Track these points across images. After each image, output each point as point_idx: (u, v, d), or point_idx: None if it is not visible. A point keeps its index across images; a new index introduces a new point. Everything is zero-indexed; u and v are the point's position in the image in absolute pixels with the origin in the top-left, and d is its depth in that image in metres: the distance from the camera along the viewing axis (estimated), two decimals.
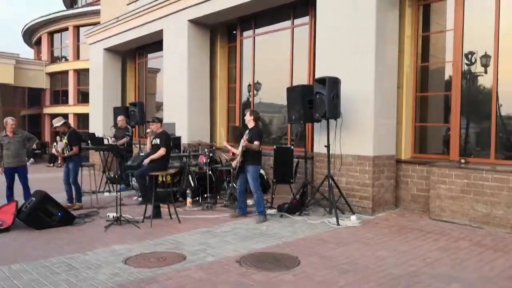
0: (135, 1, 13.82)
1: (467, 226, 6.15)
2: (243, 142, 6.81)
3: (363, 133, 7.09)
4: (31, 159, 18.56)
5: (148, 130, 7.62)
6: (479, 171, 6.14)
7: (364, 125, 7.07)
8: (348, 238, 5.72)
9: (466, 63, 7.04)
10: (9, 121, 7.89)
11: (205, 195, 8.36)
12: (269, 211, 7.32)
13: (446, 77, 7.51)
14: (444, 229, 6.03)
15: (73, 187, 8.12)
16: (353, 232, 6.01)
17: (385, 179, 7.22)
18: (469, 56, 7.01)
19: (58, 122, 8.16)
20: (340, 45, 7.42)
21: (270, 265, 4.63)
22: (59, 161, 17.38)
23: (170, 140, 7.48)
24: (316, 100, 6.93)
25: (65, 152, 8.03)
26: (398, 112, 7.55)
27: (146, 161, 7.15)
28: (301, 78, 9.19)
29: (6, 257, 5.08)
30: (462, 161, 6.61)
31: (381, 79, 7.11)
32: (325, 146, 7.05)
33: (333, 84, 6.75)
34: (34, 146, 8.05)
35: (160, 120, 7.51)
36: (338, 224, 6.37)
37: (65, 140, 8.06)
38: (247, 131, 7.05)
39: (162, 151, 7.10)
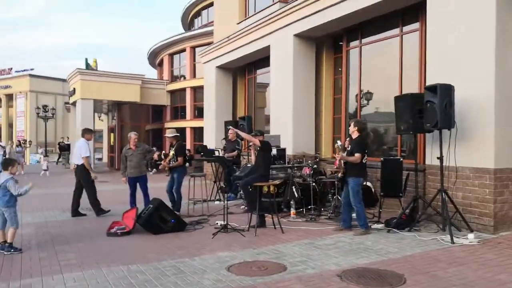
0: (244, 20, 14.48)
1: None
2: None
3: (482, 143, 6.45)
4: (154, 169, 20.32)
5: (250, 144, 7.85)
6: None
7: (483, 134, 6.44)
8: (463, 257, 5.21)
9: None
10: (132, 135, 8.75)
11: (309, 207, 8.31)
12: (376, 226, 7.02)
13: None
14: None
15: (175, 196, 8.65)
16: (470, 252, 5.45)
17: (510, 195, 6.45)
18: None
19: (170, 133, 8.94)
20: (454, 50, 6.90)
21: (373, 282, 4.41)
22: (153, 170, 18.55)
23: (270, 148, 7.61)
24: (427, 109, 6.50)
25: (171, 162, 8.62)
26: None
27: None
28: (412, 87, 8.73)
29: (127, 258, 5.59)
30: None
31: (503, 84, 6.42)
32: (438, 158, 6.55)
33: (445, 91, 6.28)
34: (156, 157, 8.79)
35: (262, 133, 7.68)
36: (452, 242, 5.84)
37: (172, 152, 8.67)
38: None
39: (257, 141, 7.25)
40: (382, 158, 7.98)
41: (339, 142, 6.93)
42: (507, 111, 6.49)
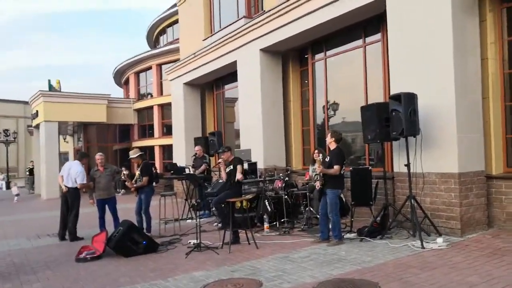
0: (210, 36, 14.53)
1: None
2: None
3: (446, 149, 6.64)
4: (122, 190, 19.88)
5: (219, 161, 7.82)
6: None
7: (446, 140, 6.63)
8: (434, 262, 5.30)
9: None
10: (97, 156, 8.61)
11: (282, 220, 8.30)
12: (348, 235, 7.08)
13: None
14: None
15: (144, 217, 8.47)
16: (440, 256, 5.56)
17: (474, 197, 6.65)
18: None
19: (134, 154, 8.73)
20: (415, 59, 7.12)
21: None
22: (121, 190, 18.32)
23: (242, 163, 7.59)
24: (393, 117, 6.66)
25: (137, 182, 8.45)
26: (485, 124, 6.98)
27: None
28: (377, 96, 8.93)
29: (98, 283, 5.42)
30: None
31: (463, 91, 6.66)
32: (405, 165, 6.70)
33: (409, 100, 6.46)
34: (124, 177, 8.60)
35: (229, 149, 7.67)
36: (422, 247, 5.95)
37: (138, 172, 8.51)
38: (320, 156, 6.93)
39: (239, 176, 7.16)
40: (351, 168, 8.09)
41: (320, 155, 6.94)
42: (467, 117, 6.72)
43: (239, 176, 7.10)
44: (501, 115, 7.04)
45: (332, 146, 6.84)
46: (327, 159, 6.77)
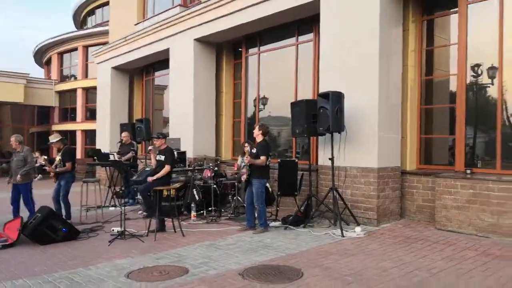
0: (143, 21, 14.09)
1: (473, 236, 6.08)
2: (245, 158, 6.82)
3: (367, 145, 7.08)
4: (39, 175, 18.65)
5: (150, 147, 7.66)
6: (484, 181, 6.10)
7: (368, 138, 7.07)
8: (352, 249, 5.66)
9: (472, 75, 7.06)
10: (11, 139, 8.04)
11: (210, 209, 8.35)
12: (273, 224, 7.29)
13: (451, 89, 7.51)
14: (450, 239, 5.96)
15: (62, 205, 8.07)
16: (358, 244, 5.94)
17: (390, 191, 7.18)
18: (475, 68, 7.02)
19: (54, 139, 8.26)
20: (344, 61, 7.48)
21: (273, 278, 4.58)
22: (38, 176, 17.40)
23: (174, 156, 7.54)
24: (320, 114, 6.96)
25: (57, 168, 8.06)
26: (402, 125, 7.55)
27: (150, 179, 7.18)
28: (306, 93, 9.25)
29: (10, 273, 5.07)
30: (468, 171, 6.55)
31: (385, 93, 7.14)
32: (329, 158, 7.04)
33: (336, 98, 6.79)
34: (43, 162, 8.08)
35: (164, 136, 7.56)
36: (342, 236, 6.32)
37: (59, 157, 8.10)
38: (249, 146, 7.06)
39: (167, 168, 7.15)
40: (279, 160, 8.31)
41: (246, 145, 7.06)
42: (388, 118, 7.21)
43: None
44: (417, 117, 7.64)
45: (259, 138, 7.01)
46: (254, 151, 6.93)
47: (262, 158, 6.77)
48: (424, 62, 7.73)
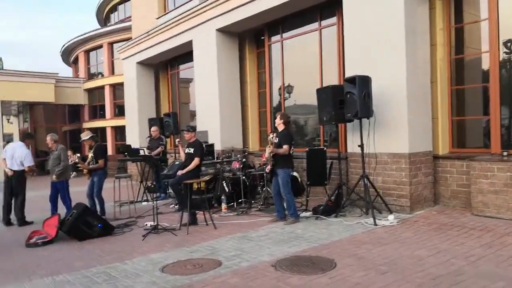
0: (164, 15, 14.16)
1: None
2: (268, 148, 6.79)
3: (397, 130, 6.92)
4: (74, 173, 19.19)
5: (178, 140, 7.72)
6: None
7: (397, 122, 6.90)
8: (385, 238, 5.57)
9: (505, 52, 6.76)
10: (47, 138, 8.31)
11: (240, 200, 8.39)
12: (304, 214, 7.27)
13: (483, 68, 7.22)
14: (488, 225, 5.78)
15: (96, 201, 8.27)
16: (391, 232, 5.85)
17: (422, 176, 7.01)
18: (508, 44, 6.72)
19: (85, 136, 8.47)
20: (369, 43, 7.29)
21: (306, 268, 4.56)
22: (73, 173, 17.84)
23: (203, 149, 7.58)
24: (347, 100, 6.83)
25: (90, 165, 8.23)
26: (433, 107, 7.32)
27: (181, 172, 7.24)
28: (332, 79, 9.11)
29: (51, 269, 5.26)
30: (505, 153, 6.32)
31: (413, 75, 6.93)
32: (359, 145, 6.92)
33: (363, 82, 6.63)
34: (76, 160, 8.31)
35: (193, 129, 7.62)
36: (375, 224, 6.23)
37: (91, 154, 8.28)
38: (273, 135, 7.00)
39: (197, 161, 7.20)
40: (307, 149, 8.25)
41: (271, 135, 7.03)
42: (417, 100, 7.01)
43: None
44: (448, 99, 7.40)
45: (281, 127, 6.96)
46: (276, 140, 6.89)
47: (285, 147, 6.72)
48: (453, 40, 7.44)
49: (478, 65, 7.37)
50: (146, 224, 7.28)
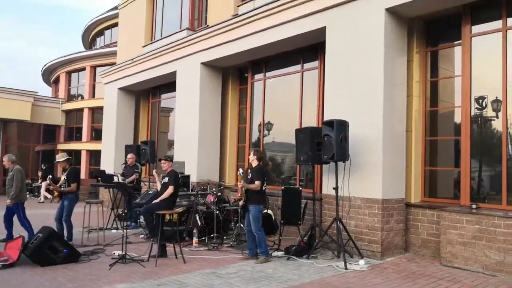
0: (150, 44, 14.30)
1: (479, 273, 5.97)
2: (239, 183, 6.83)
3: (371, 175, 7.06)
4: (42, 196, 18.69)
5: (154, 170, 7.69)
6: (490, 217, 6.03)
7: (372, 168, 7.05)
8: (355, 283, 5.58)
9: (477, 107, 7.07)
10: (4, 158, 8.33)
11: (212, 235, 8.29)
12: (276, 253, 7.22)
13: (455, 121, 7.52)
14: (456, 276, 5.86)
15: (64, 226, 8.04)
16: (361, 277, 5.86)
17: (394, 223, 7.11)
18: (480, 100, 7.05)
19: (61, 158, 8.31)
20: (348, 89, 7.53)
21: None
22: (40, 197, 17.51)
23: (179, 179, 7.53)
24: (325, 142, 6.98)
25: (62, 187, 8.06)
26: (407, 156, 7.53)
27: (156, 200, 7.16)
28: (311, 120, 9.29)
29: None
30: (474, 206, 6.49)
31: (390, 123, 7.16)
32: (334, 188, 7.01)
33: (341, 126, 6.81)
34: (49, 181, 8.16)
35: (171, 159, 7.59)
36: (346, 268, 6.23)
37: (63, 177, 8.12)
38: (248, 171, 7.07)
39: (170, 189, 7.13)
40: (282, 187, 8.30)
41: (241, 170, 7.08)
42: (393, 148, 7.21)
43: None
44: (421, 149, 7.64)
45: (254, 163, 7.03)
46: (249, 176, 6.93)
47: (257, 183, 6.77)
48: (428, 93, 7.77)
49: (451, 118, 7.67)
50: (114, 253, 7.09)
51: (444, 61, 7.84)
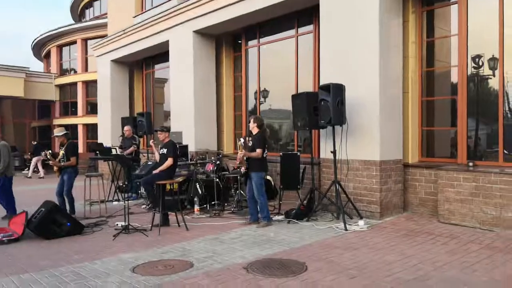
0: (141, 14, 14.03)
1: (476, 229, 6.11)
2: (240, 151, 6.85)
3: (369, 138, 7.09)
4: (43, 170, 18.80)
5: (151, 141, 7.67)
6: (487, 174, 6.11)
7: (370, 130, 7.07)
8: (355, 243, 5.70)
9: (473, 66, 7.04)
10: None
11: (213, 202, 8.39)
12: (276, 217, 7.33)
13: (452, 81, 7.50)
14: (453, 232, 5.99)
15: (66, 199, 8.10)
16: (361, 237, 5.98)
17: (392, 184, 7.20)
18: (476, 59, 7.01)
19: (59, 132, 8.27)
20: (344, 53, 7.45)
21: (277, 271, 4.62)
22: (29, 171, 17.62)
23: (177, 150, 7.55)
24: (321, 106, 6.96)
25: (61, 162, 8.09)
26: (404, 117, 7.54)
27: (156, 171, 7.19)
28: (307, 85, 9.24)
29: (16, 267, 5.12)
30: (470, 164, 6.56)
31: (386, 85, 7.12)
32: (331, 152, 7.05)
33: (337, 90, 6.77)
34: (48, 156, 8.15)
35: (167, 129, 7.58)
36: (345, 229, 6.35)
37: (62, 151, 8.12)
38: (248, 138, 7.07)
39: (170, 161, 7.16)
40: (281, 153, 8.34)
41: (241, 140, 7.08)
42: (389, 110, 7.21)
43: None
44: (418, 109, 7.64)
45: (255, 131, 7.02)
46: (250, 144, 6.94)
47: (258, 151, 6.80)
48: (425, 53, 7.71)
49: (448, 78, 7.65)
50: (117, 224, 7.19)
51: (440, 20, 7.73)
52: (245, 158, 6.92)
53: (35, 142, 19.48)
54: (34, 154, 18.83)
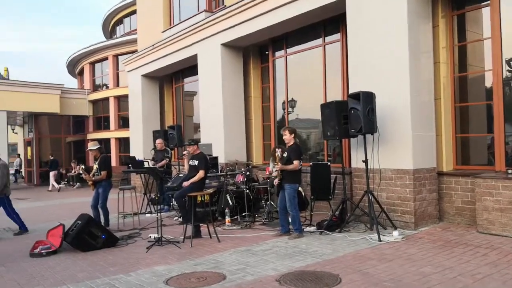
0: (170, 28, 14.32)
1: None
2: (276, 165, 6.80)
3: (401, 146, 6.95)
4: (77, 183, 19.36)
5: (184, 152, 7.77)
6: None
7: (402, 138, 6.94)
8: (390, 254, 5.56)
9: (508, 70, 6.82)
10: None
11: (243, 214, 8.39)
12: (308, 229, 7.26)
13: (486, 85, 7.28)
14: (494, 243, 5.77)
15: (101, 212, 8.29)
16: (396, 248, 5.84)
17: (427, 193, 7.02)
18: (511, 62, 6.79)
19: (93, 146, 8.49)
20: (373, 60, 7.37)
21: (310, 284, 4.56)
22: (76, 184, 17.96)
23: (208, 162, 7.61)
24: (351, 115, 6.88)
25: (94, 176, 8.27)
26: (437, 124, 7.37)
27: (186, 183, 7.26)
28: (335, 94, 9.18)
29: (55, 279, 5.26)
30: (510, 171, 6.32)
31: (417, 92, 6.99)
32: (363, 161, 6.95)
33: (367, 98, 6.69)
34: (81, 171, 8.38)
35: (196, 142, 7.66)
36: (379, 240, 6.22)
37: (96, 165, 8.33)
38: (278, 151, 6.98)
39: (201, 173, 7.22)
40: (311, 163, 8.28)
41: (278, 151, 7.01)
42: (421, 117, 7.07)
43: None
44: (451, 116, 7.45)
45: (291, 142, 6.98)
46: (285, 155, 6.91)
47: (295, 162, 6.74)
48: (456, 58, 7.53)
49: (482, 83, 7.44)
50: (150, 236, 7.28)
51: (472, 24, 7.55)
52: (279, 171, 6.87)
53: (52, 157, 19.94)
54: (51, 168, 19.40)
